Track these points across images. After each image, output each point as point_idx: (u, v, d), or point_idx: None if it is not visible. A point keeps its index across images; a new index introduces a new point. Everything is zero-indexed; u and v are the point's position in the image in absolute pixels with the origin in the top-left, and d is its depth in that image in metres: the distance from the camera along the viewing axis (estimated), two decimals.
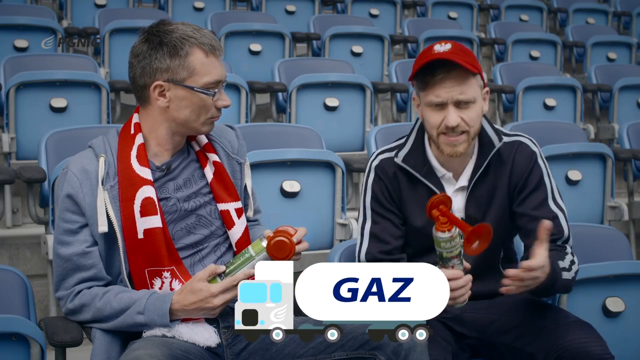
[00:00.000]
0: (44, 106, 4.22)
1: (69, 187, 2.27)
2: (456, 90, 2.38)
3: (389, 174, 2.52)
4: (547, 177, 2.52)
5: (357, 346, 2.17)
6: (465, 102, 2.40)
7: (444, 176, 2.51)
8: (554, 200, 2.51)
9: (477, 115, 2.43)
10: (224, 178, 2.39)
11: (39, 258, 3.92)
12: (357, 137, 4.90)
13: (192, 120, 2.30)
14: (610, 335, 2.59)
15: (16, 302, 2.39)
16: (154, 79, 2.27)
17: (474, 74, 2.40)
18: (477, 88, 2.43)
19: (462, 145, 2.42)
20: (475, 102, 2.41)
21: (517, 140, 2.53)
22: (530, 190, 2.49)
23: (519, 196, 2.50)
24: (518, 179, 2.50)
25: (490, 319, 2.50)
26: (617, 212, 4.21)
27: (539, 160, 2.52)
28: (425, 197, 2.43)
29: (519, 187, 2.50)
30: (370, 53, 6.05)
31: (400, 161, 2.51)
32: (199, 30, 2.30)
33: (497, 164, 2.51)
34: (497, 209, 2.50)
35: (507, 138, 2.53)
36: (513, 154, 2.51)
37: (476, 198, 2.50)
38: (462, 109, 2.40)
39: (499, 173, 2.51)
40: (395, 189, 2.52)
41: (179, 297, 2.21)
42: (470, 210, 2.50)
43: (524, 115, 5.45)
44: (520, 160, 2.50)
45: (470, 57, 2.42)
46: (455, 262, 2.26)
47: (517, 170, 2.50)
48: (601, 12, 8.24)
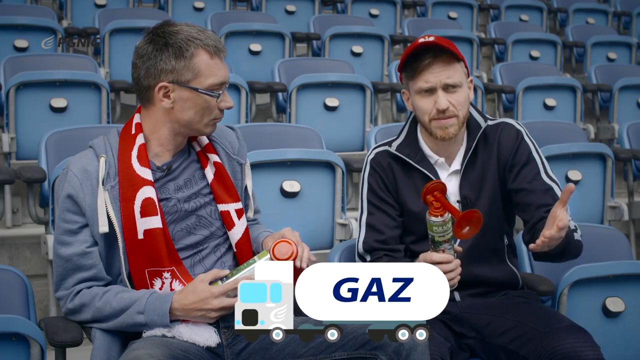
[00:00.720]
0: (44, 106, 4.22)
1: (70, 188, 2.27)
2: (443, 75, 2.50)
3: (384, 165, 2.62)
4: (536, 152, 2.59)
5: (358, 346, 2.17)
6: (452, 86, 2.51)
7: (437, 162, 2.60)
8: (546, 174, 2.56)
9: (464, 100, 2.54)
10: (225, 179, 2.39)
11: (39, 258, 3.92)
12: (357, 137, 4.90)
13: (195, 122, 2.30)
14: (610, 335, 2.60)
15: (16, 302, 2.39)
16: (158, 80, 2.27)
17: (458, 60, 2.52)
18: (463, 74, 2.54)
19: (453, 127, 2.53)
20: (461, 86, 2.52)
21: (502, 121, 2.63)
22: (521, 166, 2.56)
23: (510, 173, 2.57)
24: (506, 157, 2.58)
25: (488, 320, 2.51)
26: (617, 212, 4.21)
27: (525, 137, 2.60)
28: (420, 183, 2.54)
29: (508, 164, 2.57)
30: (370, 53, 6.05)
31: (394, 150, 2.61)
32: (203, 32, 2.30)
33: (484, 146, 2.60)
34: (489, 189, 2.57)
35: (491, 121, 2.63)
36: (498, 134, 2.60)
37: (469, 180, 2.57)
38: (450, 93, 2.51)
39: (486, 154, 2.59)
40: (390, 179, 2.61)
41: (179, 296, 2.21)
42: (465, 192, 2.57)
43: (524, 115, 5.46)
44: (506, 139, 2.59)
45: (453, 46, 2.53)
46: (446, 246, 2.33)
47: (503, 149, 2.58)
48: (601, 12, 8.24)
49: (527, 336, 2.40)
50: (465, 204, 2.56)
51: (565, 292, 2.69)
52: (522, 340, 2.40)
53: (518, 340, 2.41)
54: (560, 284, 2.70)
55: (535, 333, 2.39)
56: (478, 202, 2.57)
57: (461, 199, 2.57)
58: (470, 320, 2.53)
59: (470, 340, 2.52)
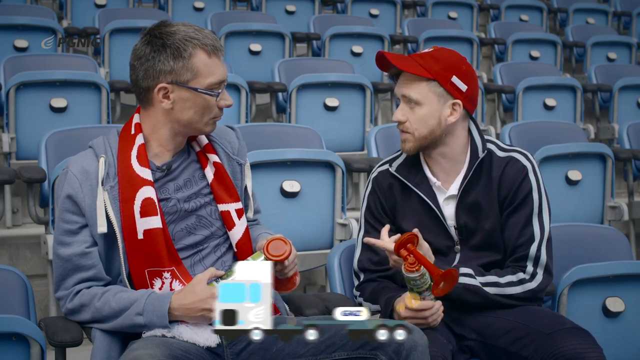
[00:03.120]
0: (44, 106, 4.22)
1: (69, 188, 2.27)
2: (402, 88, 2.53)
3: (384, 187, 2.61)
4: (537, 192, 2.55)
5: (358, 346, 2.17)
6: (410, 101, 2.51)
7: (435, 184, 2.57)
8: (538, 217, 2.54)
9: (421, 119, 2.51)
10: (225, 179, 2.39)
11: (39, 258, 3.92)
12: (357, 137, 4.90)
13: (195, 121, 2.30)
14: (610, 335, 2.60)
15: (16, 302, 2.39)
16: (157, 81, 2.27)
17: (427, 79, 2.49)
18: (429, 93, 2.50)
19: (408, 143, 2.54)
20: (420, 105, 2.50)
21: (511, 155, 2.58)
22: (515, 206, 2.54)
23: (507, 209, 2.55)
24: (506, 193, 2.55)
25: (489, 321, 2.50)
26: (617, 212, 4.21)
27: (530, 175, 2.56)
28: (417, 205, 2.56)
29: (508, 199, 2.55)
30: (370, 53, 6.04)
31: (394, 171, 2.60)
32: (200, 31, 2.30)
33: (487, 176, 2.56)
34: (489, 220, 2.55)
35: (500, 152, 2.58)
36: (504, 167, 2.55)
37: (466, 207, 2.55)
38: (409, 109, 2.52)
39: (489, 185, 2.55)
40: (389, 200, 2.61)
41: (178, 296, 2.21)
42: (462, 219, 2.55)
43: (524, 115, 5.45)
44: (510, 175, 2.55)
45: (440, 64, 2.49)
46: (426, 294, 2.38)
47: (506, 183, 2.54)
48: (601, 12, 8.24)
49: (529, 337, 2.40)
50: (461, 232, 2.56)
51: (565, 292, 2.69)
52: (525, 341, 2.40)
53: (520, 342, 2.41)
54: (560, 284, 2.70)
55: (538, 334, 2.38)
56: (477, 229, 2.55)
57: (457, 226, 2.55)
58: (471, 321, 2.52)
59: (471, 342, 2.51)
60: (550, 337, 2.36)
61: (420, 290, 2.36)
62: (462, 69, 2.53)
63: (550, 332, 2.37)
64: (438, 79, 2.49)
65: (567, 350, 2.31)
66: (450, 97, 2.51)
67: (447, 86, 2.50)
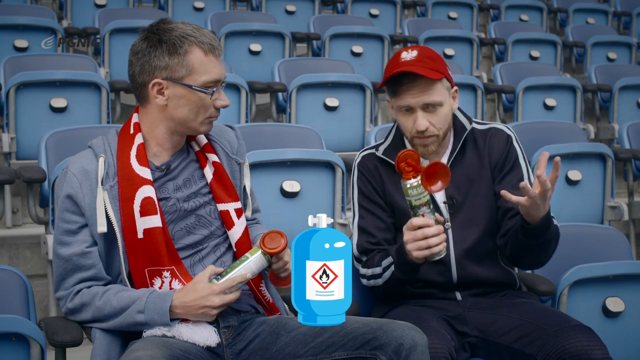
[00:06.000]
0: (44, 106, 4.22)
1: (69, 188, 2.27)
2: (422, 97, 2.52)
3: (370, 168, 2.66)
4: (522, 159, 2.63)
5: (358, 346, 2.17)
6: (432, 106, 2.53)
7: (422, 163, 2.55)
8: (529, 181, 2.58)
9: (444, 118, 2.56)
10: (224, 178, 2.39)
11: (39, 258, 3.92)
12: (357, 137, 4.90)
13: (190, 120, 2.30)
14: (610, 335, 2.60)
15: (16, 302, 2.39)
16: (152, 76, 2.27)
17: (439, 79, 2.52)
18: (444, 91, 2.55)
19: (433, 144, 2.57)
20: (442, 105, 2.55)
21: (492, 126, 2.68)
22: (507, 171, 2.60)
23: (497, 176, 2.61)
24: (496, 160, 2.61)
25: (492, 319, 2.50)
26: (617, 212, 4.21)
27: (514, 143, 2.64)
28: None
29: (498, 167, 2.61)
30: (370, 53, 6.05)
31: (380, 154, 2.65)
32: (198, 30, 2.30)
33: (473, 148, 2.63)
34: (480, 192, 2.59)
35: (480, 126, 2.67)
36: (489, 138, 2.63)
37: (455, 181, 2.57)
38: (430, 113, 2.54)
39: (476, 157, 2.62)
40: (377, 180, 2.65)
41: (179, 294, 2.21)
42: (450, 193, 2.58)
43: (524, 115, 5.45)
44: (497, 143, 2.62)
45: (436, 62, 2.54)
46: (425, 210, 2.35)
47: (494, 152, 2.61)
48: (601, 12, 8.24)
49: (534, 335, 2.40)
50: (452, 205, 2.58)
51: (565, 292, 2.69)
52: (529, 338, 2.40)
53: (524, 339, 2.41)
54: (560, 284, 2.70)
55: (543, 332, 2.38)
56: (466, 203, 2.58)
57: (447, 199, 2.58)
58: (473, 319, 2.52)
59: (472, 339, 2.51)
60: (556, 334, 2.36)
61: (419, 204, 2.33)
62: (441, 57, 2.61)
63: (555, 330, 2.37)
64: (446, 75, 2.55)
65: (572, 347, 2.31)
66: (451, 87, 2.59)
67: (449, 78, 2.57)
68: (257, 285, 2.37)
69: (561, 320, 2.42)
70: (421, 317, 2.44)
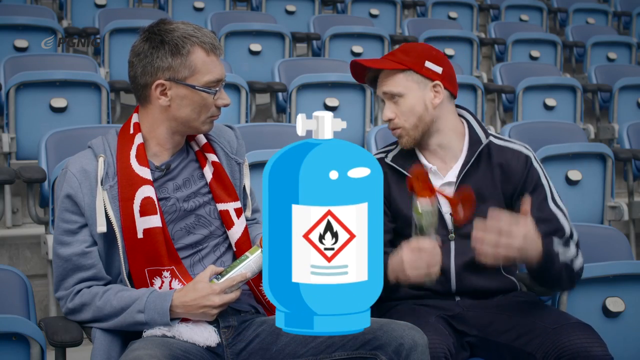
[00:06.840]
0: (44, 106, 4.22)
1: (69, 188, 2.27)
2: (381, 87, 2.59)
3: None
4: (545, 178, 2.58)
5: (358, 346, 2.17)
6: (393, 96, 2.56)
7: (432, 169, 2.58)
8: (553, 201, 2.55)
9: (409, 109, 2.56)
10: (223, 178, 2.39)
11: (39, 258, 3.92)
12: (357, 137, 4.90)
13: (192, 119, 2.30)
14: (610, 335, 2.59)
15: (16, 302, 2.39)
16: (155, 77, 2.27)
17: (402, 70, 2.55)
18: (408, 83, 2.56)
19: (404, 138, 2.59)
20: (404, 96, 2.55)
21: (509, 145, 2.61)
22: (530, 193, 2.52)
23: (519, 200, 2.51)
24: (516, 183, 2.55)
25: (491, 318, 2.50)
26: (617, 212, 4.21)
27: (534, 163, 2.58)
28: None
29: (518, 191, 2.55)
30: (370, 53, 6.05)
31: (390, 161, 2.63)
32: (199, 30, 2.30)
33: (487, 164, 2.57)
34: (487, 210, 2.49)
35: (498, 141, 2.61)
36: (505, 157, 2.57)
37: None
38: (394, 104, 2.57)
39: (489, 174, 2.56)
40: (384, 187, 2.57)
41: (179, 294, 2.21)
42: None
43: (524, 115, 5.45)
44: (515, 164, 2.56)
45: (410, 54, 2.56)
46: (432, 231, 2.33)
47: (513, 175, 2.55)
48: (601, 12, 8.24)
49: (534, 333, 2.39)
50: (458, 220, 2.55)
51: (565, 292, 2.69)
52: (529, 337, 2.40)
53: (524, 337, 2.41)
54: None
55: (543, 330, 2.38)
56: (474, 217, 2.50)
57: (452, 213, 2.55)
58: (472, 318, 2.52)
59: (471, 339, 2.51)
60: (555, 332, 2.36)
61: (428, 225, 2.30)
62: (432, 54, 2.59)
63: (554, 327, 2.37)
64: (412, 67, 2.55)
65: (572, 345, 2.31)
66: (429, 80, 2.56)
67: (423, 71, 2.56)
68: (257, 285, 2.37)
69: (560, 318, 2.42)
70: (420, 315, 2.44)
